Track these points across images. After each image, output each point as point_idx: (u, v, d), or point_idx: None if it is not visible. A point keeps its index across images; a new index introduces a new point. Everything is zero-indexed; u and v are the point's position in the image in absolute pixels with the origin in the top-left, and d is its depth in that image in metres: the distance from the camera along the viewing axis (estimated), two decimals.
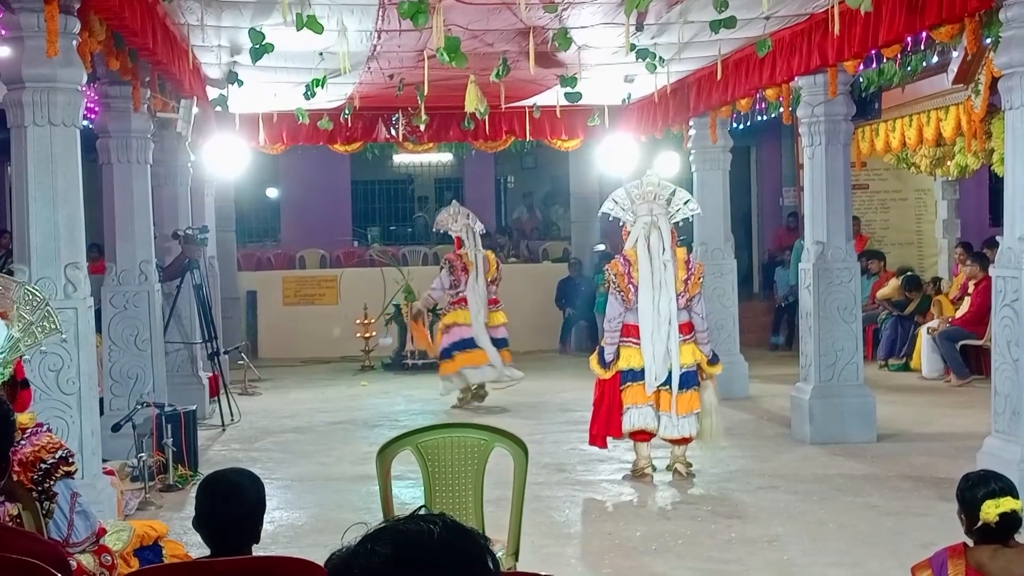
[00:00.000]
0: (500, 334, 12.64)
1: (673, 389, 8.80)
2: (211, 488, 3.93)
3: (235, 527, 3.80)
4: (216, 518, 3.81)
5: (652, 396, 8.83)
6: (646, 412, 8.82)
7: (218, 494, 3.85)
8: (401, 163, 22.13)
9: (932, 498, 8.18)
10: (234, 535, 3.80)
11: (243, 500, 3.85)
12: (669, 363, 8.78)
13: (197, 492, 3.99)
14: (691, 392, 8.89)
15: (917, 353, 14.58)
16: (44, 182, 6.96)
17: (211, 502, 3.85)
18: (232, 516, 3.81)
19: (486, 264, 12.60)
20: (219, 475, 4.08)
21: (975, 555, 4.27)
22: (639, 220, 8.91)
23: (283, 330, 17.66)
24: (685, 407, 8.83)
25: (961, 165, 14.95)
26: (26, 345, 4.55)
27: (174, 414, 9.34)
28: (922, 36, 8.47)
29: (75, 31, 6.92)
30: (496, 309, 12.71)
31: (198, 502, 3.94)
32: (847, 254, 10.46)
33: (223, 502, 3.82)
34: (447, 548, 1.86)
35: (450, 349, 12.43)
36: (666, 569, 6.87)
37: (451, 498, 5.29)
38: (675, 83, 11.84)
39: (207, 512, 3.85)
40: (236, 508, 3.82)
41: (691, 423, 8.88)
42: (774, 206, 20.19)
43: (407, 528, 1.88)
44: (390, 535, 1.87)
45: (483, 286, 12.48)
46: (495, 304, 12.72)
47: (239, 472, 4.11)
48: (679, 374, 8.81)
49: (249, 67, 9.67)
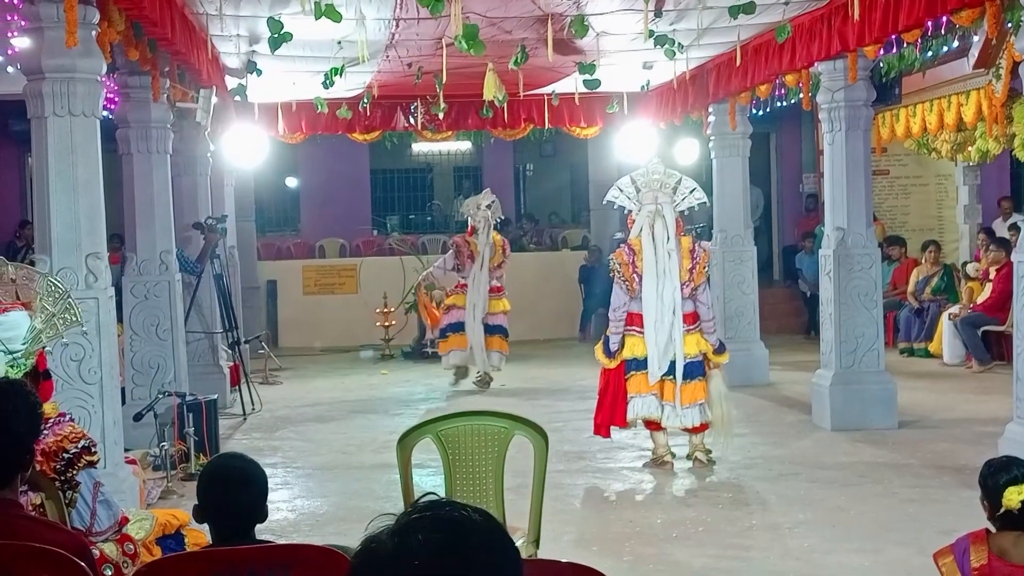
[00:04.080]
0: (497, 321, 12.88)
1: (677, 379, 8.77)
2: (220, 475, 3.85)
3: (248, 512, 3.77)
4: (230, 505, 3.76)
5: (656, 385, 8.80)
6: (650, 401, 8.80)
7: (231, 481, 3.79)
8: (420, 152, 22.15)
9: (954, 485, 8.16)
10: (246, 520, 3.77)
11: (254, 484, 3.82)
12: (672, 352, 8.75)
13: (204, 483, 3.86)
14: (696, 382, 8.83)
15: (938, 339, 14.52)
16: (64, 172, 6.98)
17: (223, 490, 3.79)
18: (244, 502, 3.77)
19: (492, 251, 12.74)
20: (221, 463, 4.03)
21: (998, 541, 4.26)
22: (644, 209, 8.87)
23: (303, 319, 17.71)
24: (689, 397, 8.79)
25: (982, 150, 14.86)
26: (48, 337, 4.57)
27: (195, 403, 9.38)
28: (942, 20, 8.42)
29: (94, 21, 6.95)
30: (499, 297, 12.93)
31: (208, 492, 3.81)
32: (868, 240, 10.41)
33: (236, 489, 3.77)
34: (491, 533, 1.84)
35: (446, 329, 12.96)
36: (687, 556, 6.87)
37: (472, 486, 5.30)
38: (694, 69, 11.80)
39: (218, 501, 3.78)
40: (246, 494, 3.78)
41: (695, 413, 8.83)
42: (794, 193, 20.12)
43: (451, 515, 1.83)
44: (431, 524, 1.82)
45: (486, 276, 12.68)
46: (499, 292, 12.93)
47: (237, 456, 4.04)
48: (683, 364, 8.77)
49: (268, 56, 9.68)
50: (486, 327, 12.79)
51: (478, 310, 12.66)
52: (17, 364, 4.33)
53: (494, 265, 12.80)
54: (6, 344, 4.32)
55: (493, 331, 12.84)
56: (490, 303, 12.79)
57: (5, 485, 3.55)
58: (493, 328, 12.84)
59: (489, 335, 12.83)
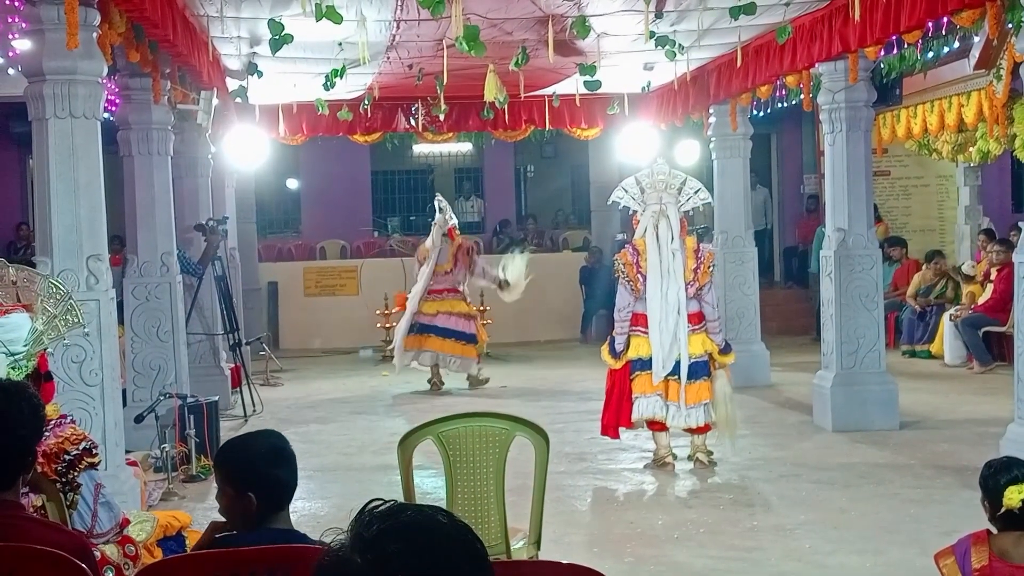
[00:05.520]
0: (446, 324, 13.02)
1: (682, 379, 8.77)
2: (264, 450, 3.72)
3: (286, 484, 3.74)
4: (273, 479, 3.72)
5: (660, 385, 8.80)
6: (654, 401, 8.80)
7: (280, 457, 3.74)
8: (421, 153, 22.15)
9: (955, 485, 8.15)
10: (285, 491, 3.74)
11: (290, 458, 3.79)
12: (677, 352, 8.76)
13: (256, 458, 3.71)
14: (700, 382, 8.83)
15: (939, 340, 14.52)
16: (65, 174, 6.98)
17: (272, 465, 3.69)
18: (282, 476, 3.73)
19: (444, 255, 12.95)
20: (253, 441, 3.84)
21: (999, 542, 4.26)
22: (648, 209, 8.88)
23: (304, 321, 17.72)
24: (694, 397, 8.80)
25: (983, 151, 14.87)
26: (49, 338, 4.57)
27: (196, 405, 9.38)
28: (943, 21, 8.41)
29: (95, 23, 6.95)
30: (452, 298, 13.04)
31: (257, 465, 3.69)
32: (868, 241, 10.41)
33: (281, 465, 3.72)
34: (461, 531, 1.79)
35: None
36: (688, 558, 6.87)
37: (472, 487, 5.29)
38: (695, 70, 11.80)
39: (266, 475, 3.67)
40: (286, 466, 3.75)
41: (700, 413, 8.83)
42: (795, 194, 20.12)
43: (417, 520, 1.77)
44: (402, 532, 1.75)
45: (426, 278, 12.92)
46: (451, 293, 13.03)
47: (271, 433, 3.98)
48: (687, 364, 8.78)
49: (269, 58, 9.69)
50: (435, 328, 12.91)
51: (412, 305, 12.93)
52: (18, 366, 4.33)
53: (444, 271, 12.98)
54: (7, 346, 4.32)
55: (441, 333, 12.95)
56: (428, 304, 12.94)
57: (7, 487, 3.55)
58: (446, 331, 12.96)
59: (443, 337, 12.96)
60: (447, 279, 12.97)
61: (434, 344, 12.92)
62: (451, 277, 12.99)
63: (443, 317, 12.90)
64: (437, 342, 12.92)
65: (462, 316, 12.98)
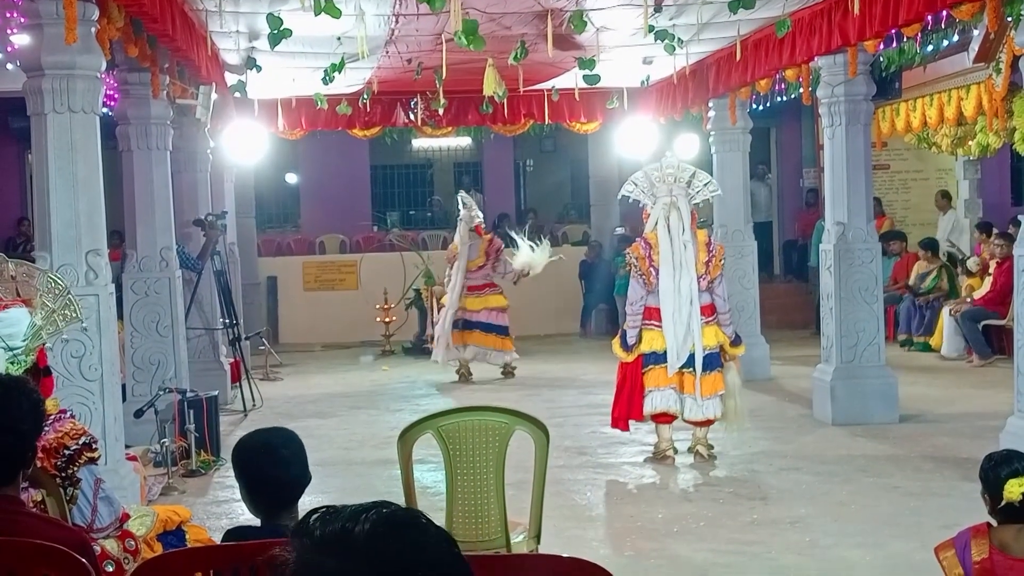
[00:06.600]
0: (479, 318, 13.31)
1: (697, 371, 8.78)
2: (259, 447, 3.83)
3: (295, 485, 3.78)
4: (275, 477, 3.76)
5: (675, 378, 8.81)
6: (668, 395, 8.80)
7: (278, 457, 3.78)
8: (420, 147, 22.13)
9: (955, 478, 8.16)
10: (292, 493, 3.78)
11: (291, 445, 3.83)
12: (691, 344, 8.77)
13: (244, 458, 3.85)
14: (715, 374, 8.86)
15: (939, 333, 14.51)
16: (64, 169, 6.98)
17: (273, 466, 3.76)
18: (288, 476, 3.78)
19: (475, 252, 13.22)
20: (254, 439, 3.95)
21: (999, 535, 4.26)
22: (659, 202, 8.89)
23: (304, 315, 17.71)
24: (709, 388, 8.82)
25: (982, 144, 14.85)
26: (48, 333, 4.57)
27: (196, 400, 9.38)
28: (943, 15, 8.41)
29: (94, 18, 6.94)
30: (491, 293, 13.34)
31: (254, 468, 3.81)
32: (868, 234, 10.40)
33: (280, 466, 3.76)
34: (432, 526, 1.76)
35: None
36: (688, 551, 6.87)
37: (472, 481, 5.30)
38: (694, 64, 11.80)
39: (263, 473, 3.76)
40: (291, 468, 3.79)
41: (715, 405, 8.87)
42: (794, 187, 20.11)
43: (394, 517, 1.77)
44: (382, 530, 1.76)
45: (462, 273, 13.14)
46: (490, 288, 13.36)
47: (275, 432, 4.03)
48: (702, 356, 8.79)
49: (267, 52, 9.68)
50: (480, 324, 13.20)
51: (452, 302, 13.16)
52: (17, 361, 4.33)
53: (477, 265, 13.23)
54: (6, 341, 4.32)
55: (474, 327, 13.23)
56: (480, 300, 13.21)
57: (7, 482, 3.55)
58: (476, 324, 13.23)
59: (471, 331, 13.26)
60: (480, 274, 13.30)
61: (478, 339, 13.27)
62: (484, 271, 13.33)
63: (486, 313, 13.26)
64: (480, 337, 13.28)
65: (500, 310, 13.36)
